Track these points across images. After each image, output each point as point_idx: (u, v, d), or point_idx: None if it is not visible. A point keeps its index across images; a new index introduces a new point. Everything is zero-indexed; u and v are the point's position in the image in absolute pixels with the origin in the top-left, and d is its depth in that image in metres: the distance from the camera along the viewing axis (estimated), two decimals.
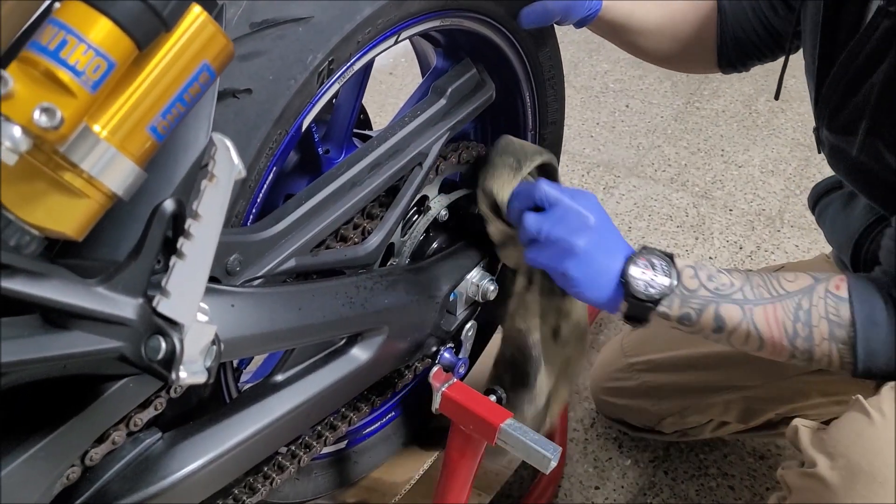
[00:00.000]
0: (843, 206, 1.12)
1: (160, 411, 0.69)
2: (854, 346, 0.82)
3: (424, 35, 0.95)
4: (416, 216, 0.95)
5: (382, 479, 1.11)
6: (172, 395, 0.70)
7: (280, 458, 0.90)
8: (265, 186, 0.75)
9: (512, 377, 1.02)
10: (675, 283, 0.85)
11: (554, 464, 0.91)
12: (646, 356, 1.35)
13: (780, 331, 0.85)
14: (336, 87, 0.77)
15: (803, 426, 0.89)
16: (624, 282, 0.85)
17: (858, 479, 0.84)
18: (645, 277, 0.85)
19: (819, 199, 1.19)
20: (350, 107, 0.94)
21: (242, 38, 0.68)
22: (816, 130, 1.00)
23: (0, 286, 0.49)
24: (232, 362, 0.84)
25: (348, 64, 0.76)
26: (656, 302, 0.85)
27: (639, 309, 0.86)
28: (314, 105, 0.75)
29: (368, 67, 0.88)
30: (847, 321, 0.82)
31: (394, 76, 2.59)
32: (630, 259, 0.86)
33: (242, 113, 0.69)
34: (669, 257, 0.87)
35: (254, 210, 0.76)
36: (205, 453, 0.74)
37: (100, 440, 0.66)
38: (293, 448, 0.91)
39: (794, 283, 0.86)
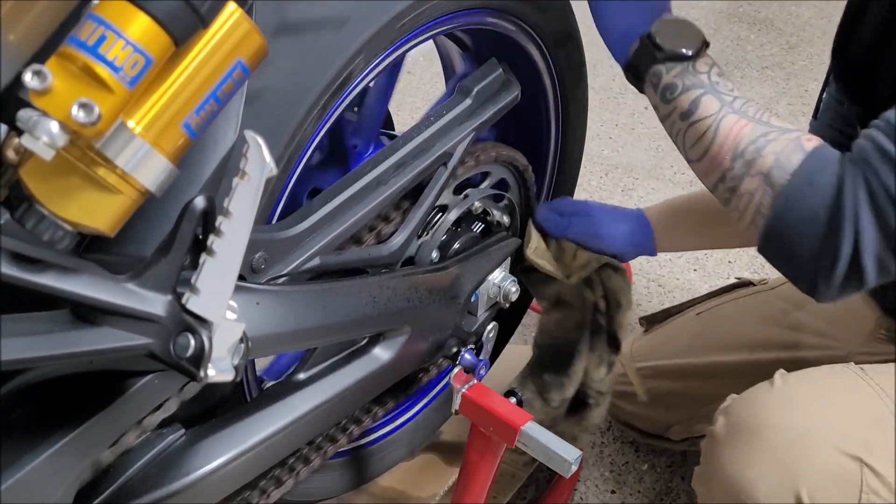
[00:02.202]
0: None
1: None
2: (779, 196, 0.77)
3: (451, 35, 0.94)
4: (441, 215, 0.95)
5: (408, 492, 1.11)
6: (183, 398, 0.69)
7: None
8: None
9: (551, 360, 1.04)
10: (691, 55, 0.83)
11: (574, 468, 0.90)
12: (653, 362, 1.34)
13: (733, 144, 0.80)
14: (371, 77, 0.77)
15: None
16: (653, 25, 0.84)
17: (741, 433, 0.89)
18: (673, 33, 0.84)
19: None
20: (381, 101, 0.94)
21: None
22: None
23: (33, 281, 0.49)
24: (254, 363, 0.84)
25: (384, 55, 0.77)
26: (665, 58, 0.83)
27: (644, 57, 0.84)
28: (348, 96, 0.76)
29: (399, 63, 0.88)
30: (791, 166, 0.77)
31: (412, 75, 2.59)
32: (671, 15, 0.85)
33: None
34: (705, 41, 0.84)
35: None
36: (227, 451, 0.74)
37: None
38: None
39: (781, 122, 0.81)
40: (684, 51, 0.83)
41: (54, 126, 0.44)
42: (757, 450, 0.88)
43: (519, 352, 1.21)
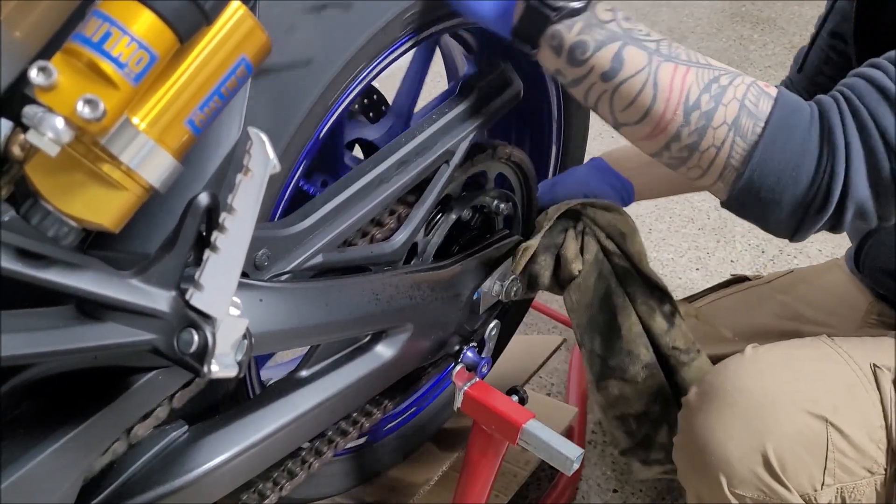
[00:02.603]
0: None
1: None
2: (755, 145, 0.71)
3: (454, 34, 0.95)
4: (442, 214, 0.95)
5: (402, 478, 1.11)
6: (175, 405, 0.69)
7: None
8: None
9: (600, 339, 0.99)
10: (587, 3, 0.72)
11: (576, 466, 0.90)
12: None
13: (682, 95, 0.71)
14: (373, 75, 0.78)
15: None
16: None
17: (711, 398, 0.90)
18: None
19: None
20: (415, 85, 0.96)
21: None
22: None
23: (38, 276, 0.49)
24: (255, 360, 0.84)
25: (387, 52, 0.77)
26: (562, 15, 0.72)
27: (535, 18, 0.73)
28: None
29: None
30: (763, 114, 0.71)
31: None
32: None
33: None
34: None
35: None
36: (230, 447, 0.74)
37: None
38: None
39: (719, 63, 0.74)
40: (579, 3, 0.72)
41: (59, 122, 0.44)
42: (727, 413, 0.88)
43: (520, 347, 1.21)
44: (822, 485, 0.88)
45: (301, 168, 0.77)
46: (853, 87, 0.72)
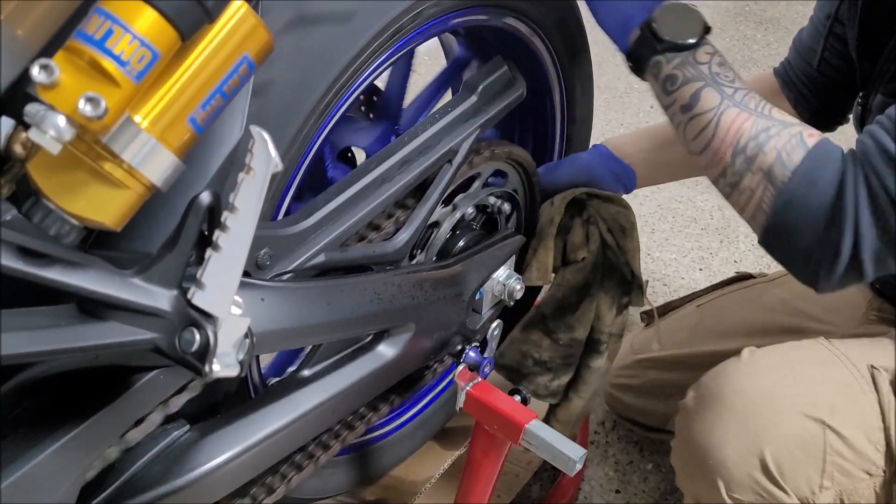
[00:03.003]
0: None
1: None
2: (781, 191, 0.77)
3: (457, 32, 0.94)
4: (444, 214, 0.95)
5: (403, 477, 1.11)
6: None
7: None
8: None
9: (553, 311, 1.04)
10: (691, 45, 0.82)
11: (579, 466, 0.90)
12: (652, 353, 1.35)
13: (734, 139, 0.80)
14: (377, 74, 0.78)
15: None
16: (651, 14, 0.83)
17: (709, 402, 0.92)
18: (673, 22, 0.82)
19: None
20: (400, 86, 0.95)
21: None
22: (864, 98, 0.99)
23: (39, 275, 0.49)
24: (258, 359, 0.84)
25: (391, 51, 0.77)
26: (665, 48, 0.82)
27: (645, 47, 0.83)
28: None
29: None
30: (793, 164, 0.77)
31: (417, 73, 2.58)
32: (671, 1, 0.83)
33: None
34: (707, 27, 0.84)
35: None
36: (232, 447, 0.74)
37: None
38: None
39: (782, 115, 0.82)
40: (685, 41, 0.81)
41: (61, 120, 0.44)
42: (724, 417, 0.90)
43: None
44: (821, 488, 0.89)
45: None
46: (865, 151, 0.77)
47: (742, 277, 1.37)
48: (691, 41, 0.82)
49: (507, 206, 1.00)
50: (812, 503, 0.89)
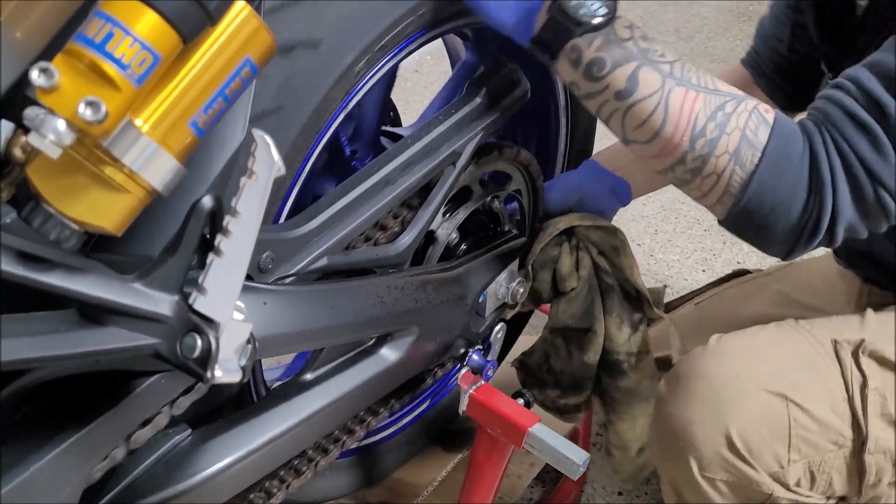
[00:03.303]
0: None
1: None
2: (752, 173, 0.74)
3: (459, 33, 0.94)
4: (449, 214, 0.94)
5: (406, 480, 1.11)
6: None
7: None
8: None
9: (563, 338, 1.03)
10: (609, 19, 0.73)
11: (582, 470, 0.90)
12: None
13: (690, 121, 0.74)
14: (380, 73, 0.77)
15: None
16: None
17: (677, 386, 0.94)
18: None
19: None
20: (376, 106, 0.94)
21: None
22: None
23: (39, 280, 0.49)
24: (260, 362, 0.84)
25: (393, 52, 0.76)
26: (580, 28, 0.73)
27: (556, 30, 0.74)
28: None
29: (395, 67, 0.88)
30: (760, 144, 0.74)
31: (419, 73, 2.58)
32: None
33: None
34: None
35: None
36: (234, 451, 0.73)
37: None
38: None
39: (725, 85, 0.76)
40: (601, 16, 0.73)
41: (61, 124, 0.44)
42: (691, 399, 0.91)
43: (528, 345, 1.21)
44: (789, 461, 0.90)
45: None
46: (830, 118, 0.75)
47: (739, 273, 1.37)
48: (607, 14, 0.73)
49: (511, 208, 1.00)
50: (782, 477, 0.90)
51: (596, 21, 0.73)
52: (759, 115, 0.75)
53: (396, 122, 1.06)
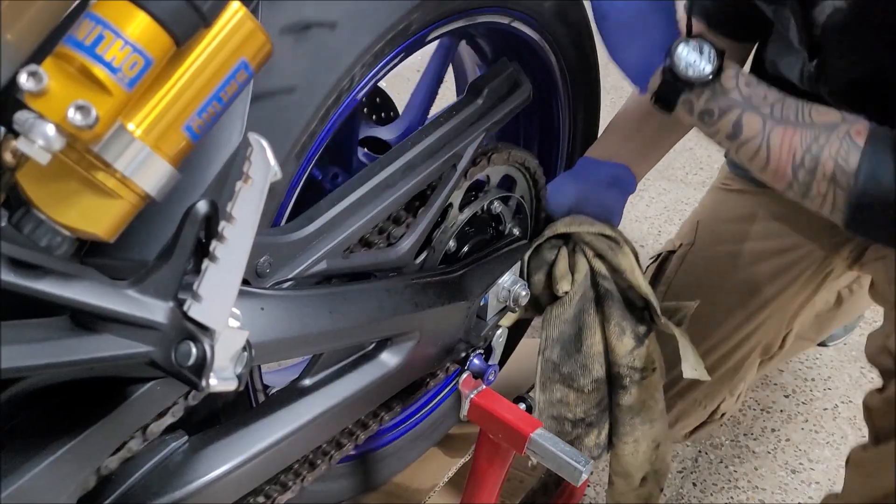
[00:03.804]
0: None
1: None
2: (850, 194, 0.81)
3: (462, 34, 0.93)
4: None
5: (407, 484, 1.10)
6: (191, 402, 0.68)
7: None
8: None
9: (560, 352, 1.01)
10: (714, 74, 0.84)
11: (585, 476, 0.89)
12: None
13: (789, 157, 0.84)
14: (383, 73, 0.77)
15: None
16: (668, 56, 0.84)
17: None
18: (689, 58, 0.83)
19: None
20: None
21: None
22: (819, 64, 0.96)
23: (31, 287, 0.48)
24: (259, 369, 0.83)
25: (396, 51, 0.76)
26: (690, 86, 0.84)
27: (670, 90, 0.86)
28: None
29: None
30: (852, 170, 0.81)
31: (421, 73, 2.57)
32: (682, 38, 0.85)
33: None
34: (721, 52, 0.85)
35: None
36: (231, 458, 0.72)
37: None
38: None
39: (823, 116, 0.84)
40: (707, 74, 0.83)
41: (50, 129, 0.43)
42: None
43: (528, 353, 1.19)
44: None
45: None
46: None
47: (669, 253, 1.30)
48: (712, 72, 0.83)
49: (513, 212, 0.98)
50: None
51: (703, 79, 0.84)
52: (850, 142, 0.82)
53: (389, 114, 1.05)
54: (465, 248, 0.94)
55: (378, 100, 1.02)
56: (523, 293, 0.98)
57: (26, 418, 0.60)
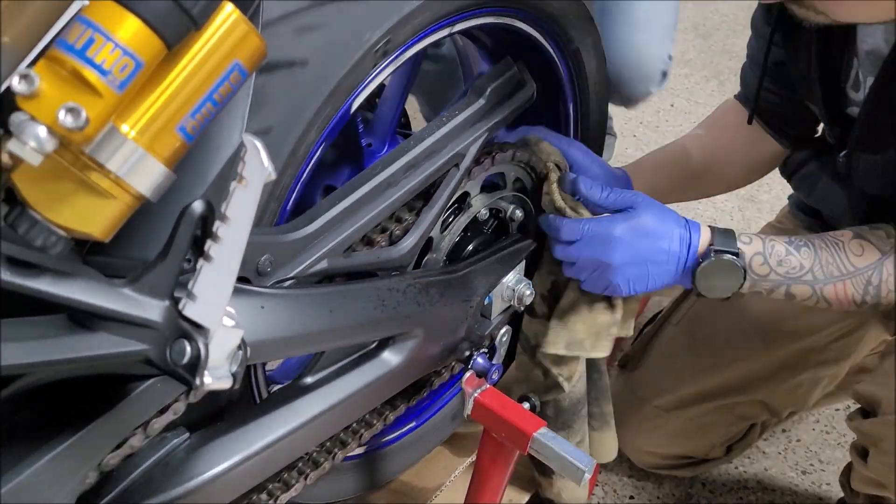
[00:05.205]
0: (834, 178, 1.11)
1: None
2: None
3: (469, 33, 0.93)
4: (454, 216, 0.93)
5: (413, 483, 1.10)
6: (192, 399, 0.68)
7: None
8: (312, 162, 0.75)
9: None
10: (745, 274, 0.89)
11: (588, 476, 0.88)
12: (668, 395, 1.26)
13: (850, 301, 0.91)
14: (389, 70, 0.76)
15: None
16: (696, 278, 0.89)
17: None
18: (714, 280, 0.89)
19: (798, 168, 1.18)
20: (396, 100, 0.93)
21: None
22: (847, 158, 0.98)
23: (26, 285, 0.48)
24: (263, 365, 0.83)
25: (403, 48, 0.75)
26: (724, 299, 0.90)
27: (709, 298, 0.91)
28: (365, 86, 0.75)
29: (418, 60, 0.86)
30: None
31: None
32: (697, 266, 0.89)
33: (296, 85, 0.68)
34: (735, 253, 0.88)
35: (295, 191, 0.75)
36: (232, 455, 0.73)
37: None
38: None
39: (862, 257, 0.90)
40: (738, 281, 0.89)
41: (42, 131, 0.43)
42: None
43: None
44: None
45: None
46: None
47: None
48: (743, 272, 0.88)
49: (518, 212, 0.98)
50: None
51: (736, 287, 0.89)
52: None
53: (407, 125, 1.06)
54: (469, 248, 0.94)
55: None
56: (528, 292, 0.98)
57: (26, 416, 0.61)
